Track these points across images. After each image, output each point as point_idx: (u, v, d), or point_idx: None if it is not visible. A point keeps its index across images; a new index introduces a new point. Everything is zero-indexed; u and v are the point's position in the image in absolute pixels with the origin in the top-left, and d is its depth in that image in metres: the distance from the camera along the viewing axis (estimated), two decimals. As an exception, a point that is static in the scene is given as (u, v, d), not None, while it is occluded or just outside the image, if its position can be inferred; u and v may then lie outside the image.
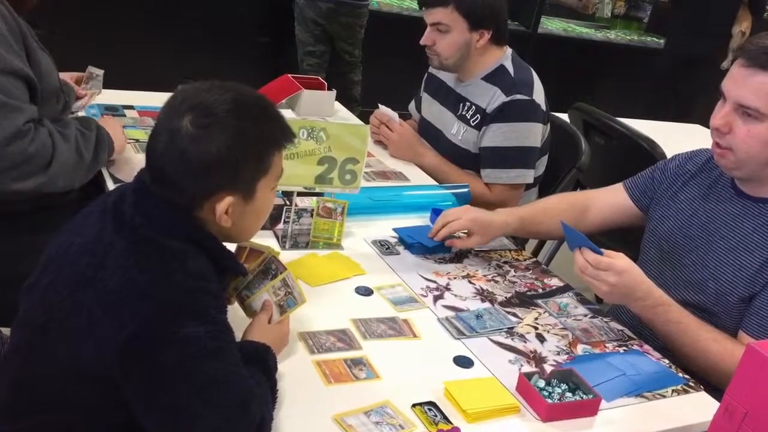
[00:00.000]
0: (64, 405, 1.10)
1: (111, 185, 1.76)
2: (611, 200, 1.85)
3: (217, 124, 1.07)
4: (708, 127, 1.53)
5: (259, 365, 1.16)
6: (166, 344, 1.01)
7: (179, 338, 1.02)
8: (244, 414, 1.05)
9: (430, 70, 2.52)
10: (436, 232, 1.74)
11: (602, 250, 1.45)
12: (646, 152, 2.57)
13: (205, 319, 1.05)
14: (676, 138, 2.89)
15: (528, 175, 2.23)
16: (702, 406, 1.35)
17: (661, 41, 5.78)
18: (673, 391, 1.38)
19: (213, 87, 1.12)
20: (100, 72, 2.02)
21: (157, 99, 1.16)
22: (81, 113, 2.12)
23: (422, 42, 2.23)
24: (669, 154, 2.47)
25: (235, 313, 1.32)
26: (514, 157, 2.21)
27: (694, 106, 5.13)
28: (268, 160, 1.15)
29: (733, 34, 5.18)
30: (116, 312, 1.03)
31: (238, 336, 1.23)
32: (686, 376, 1.43)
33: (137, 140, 2.03)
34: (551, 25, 5.59)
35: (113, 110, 2.22)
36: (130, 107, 2.28)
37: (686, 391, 1.39)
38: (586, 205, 1.87)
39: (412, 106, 2.64)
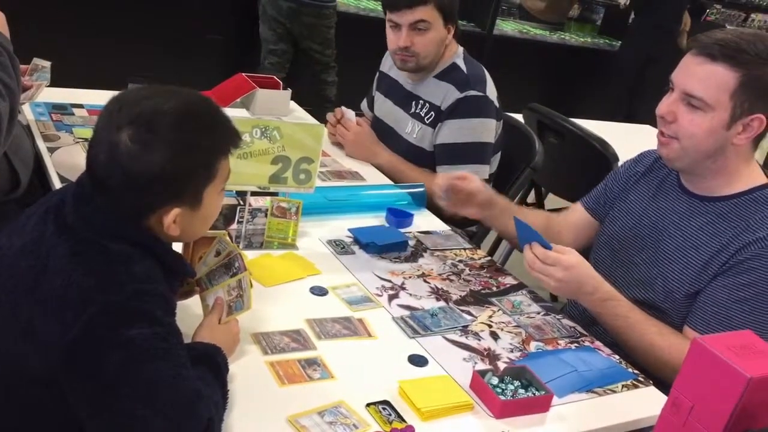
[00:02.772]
0: (10, 409, 1.07)
1: (58, 184, 1.72)
2: (573, 220, 1.87)
3: (158, 140, 1.04)
4: (656, 125, 1.56)
5: (208, 366, 1.14)
6: (110, 347, 0.99)
7: (124, 340, 1.00)
8: (191, 416, 1.03)
9: (381, 68, 2.52)
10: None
11: (552, 245, 1.48)
12: (598, 152, 2.62)
13: (151, 320, 1.03)
14: (627, 138, 2.94)
15: (484, 171, 2.25)
16: (651, 400, 1.38)
17: (614, 43, 5.89)
18: (623, 386, 1.41)
19: (153, 94, 1.09)
20: (47, 64, 1.95)
21: (108, 97, 1.13)
22: (27, 110, 2.06)
23: (402, 44, 2.17)
24: (620, 154, 2.53)
25: (188, 311, 1.30)
26: (470, 153, 2.22)
27: (645, 106, 5.26)
28: (215, 168, 1.13)
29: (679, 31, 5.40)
30: (59, 316, 1.00)
31: (189, 336, 1.21)
32: (636, 372, 1.46)
33: (86, 139, 1.99)
34: (506, 26, 5.65)
35: (62, 109, 2.18)
36: (80, 106, 2.23)
37: (636, 386, 1.42)
38: (558, 228, 1.87)
39: (364, 104, 2.64)
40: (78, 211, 1.08)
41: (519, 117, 2.87)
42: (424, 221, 1.99)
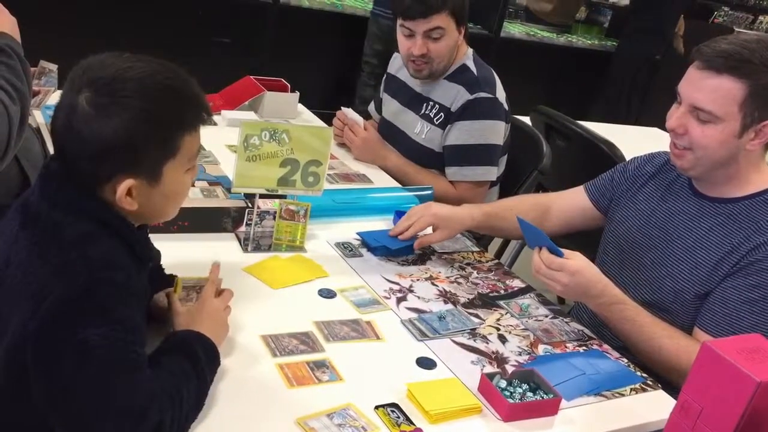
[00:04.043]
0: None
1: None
2: (571, 202, 1.88)
3: (115, 105, 1.02)
4: (664, 128, 1.57)
5: (185, 355, 1.12)
6: (65, 348, 0.97)
7: (78, 341, 0.97)
8: (141, 421, 1.00)
9: (389, 70, 2.53)
10: (400, 232, 1.75)
11: (562, 250, 1.48)
12: (606, 155, 2.61)
13: (108, 317, 1.00)
14: (634, 141, 2.94)
15: (492, 173, 2.26)
16: (659, 404, 1.37)
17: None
18: (631, 389, 1.41)
19: (118, 60, 1.07)
20: (54, 67, 1.94)
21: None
22: (37, 113, 2.07)
23: (417, 52, 2.17)
24: (628, 157, 2.52)
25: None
26: (479, 154, 2.23)
27: (652, 108, 5.26)
28: (176, 144, 1.09)
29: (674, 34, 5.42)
30: (20, 310, 0.99)
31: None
32: (644, 375, 1.46)
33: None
34: (513, 29, 5.64)
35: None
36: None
37: (644, 390, 1.41)
38: (547, 206, 1.89)
39: (371, 106, 2.65)
40: (42, 191, 1.07)
41: (526, 119, 2.87)
42: (432, 224, 1.99)
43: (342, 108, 2.45)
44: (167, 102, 1.07)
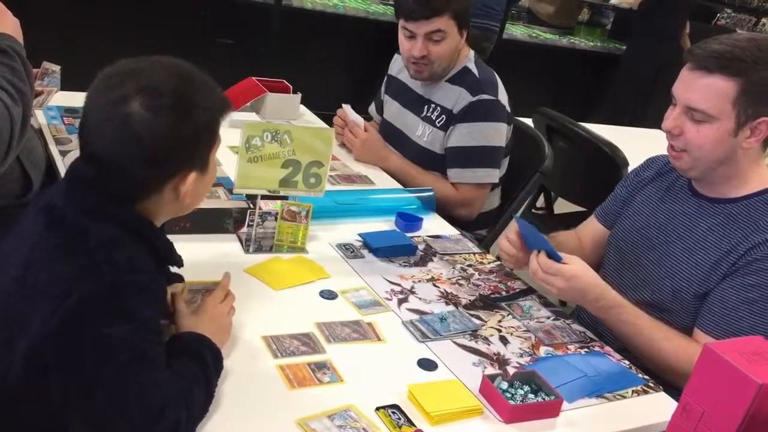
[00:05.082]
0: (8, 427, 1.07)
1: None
2: (590, 233, 1.87)
3: (169, 105, 1.05)
4: (664, 130, 1.57)
5: (192, 357, 1.13)
6: (88, 347, 0.98)
7: (102, 338, 0.98)
8: (159, 420, 1.01)
9: (390, 72, 2.52)
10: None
11: (560, 254, 1.48)
12: (608, 156, 2.62)
13: (130, 317, 1.01)
14: (637, 142, 2.94)
15: (494, 175, 2.26)
16: (661, 406, 1.37)
17: (623, 47, 5.88)
18: (633, 391, 1.40)
19: (148, 64, 1.10)
20: (57, 68, 1.95)
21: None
22: (39, 113, 2.07)
23: (417, 54, 2.18)
24: (630, 159, 2.53)
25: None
26: (481, 156, 2.23)
27: (659, 111, 5.26)
28: (216, 131, 1.15)
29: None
30: (42, 309, 0.99)
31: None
32: (646, 377, 1.46)
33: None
34: (516, 30, 5.65)
35: (73, 112, 2.19)
36: (92, 109, 2.24)
37: (646, 392, 1.41)
38: (581, 241, 1.88)
39: (372, 108, 2.65)
40: (69, 193, 1.08)
41: (528, 121, 2.87)
42: (434, 225, 2.00)
43: (342, 105, 2.45)
44: (206, 93, 1.12)
